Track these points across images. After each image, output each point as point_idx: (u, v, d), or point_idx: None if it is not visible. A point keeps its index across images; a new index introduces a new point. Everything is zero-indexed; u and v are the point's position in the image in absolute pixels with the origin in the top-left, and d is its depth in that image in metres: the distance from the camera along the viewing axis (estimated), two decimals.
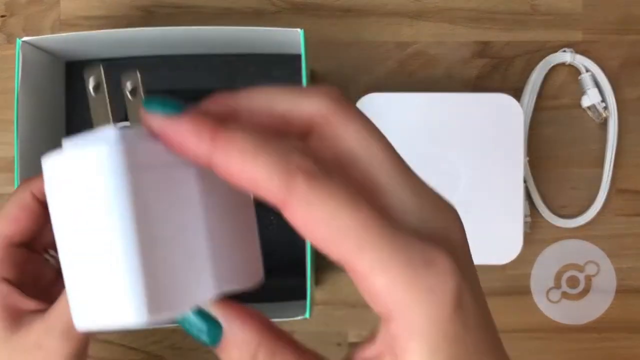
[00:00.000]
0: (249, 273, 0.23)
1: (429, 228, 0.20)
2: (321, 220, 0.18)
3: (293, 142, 0.19)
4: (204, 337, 0.20)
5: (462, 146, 0.48)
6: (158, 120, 0.19)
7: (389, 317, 0.19)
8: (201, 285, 0.20)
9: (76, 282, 0.19)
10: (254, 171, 0.18)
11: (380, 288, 0.18)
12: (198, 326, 0.20)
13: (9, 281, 0.32)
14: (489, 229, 0.48)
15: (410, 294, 0.18)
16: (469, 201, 0.48)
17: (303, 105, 0.20)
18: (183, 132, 0.19)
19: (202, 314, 0.21)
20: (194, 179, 0.20)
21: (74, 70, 0.49)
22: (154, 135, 0.20)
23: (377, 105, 0.48)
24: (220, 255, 0.21)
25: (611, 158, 0.52)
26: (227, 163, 0.18)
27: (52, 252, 0.36)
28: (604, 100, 0.52)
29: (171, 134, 0.19)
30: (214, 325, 0.20)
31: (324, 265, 0.53)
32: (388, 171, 0.21)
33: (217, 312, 0.21)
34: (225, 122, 0.19)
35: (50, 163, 0.21)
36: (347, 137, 0.20)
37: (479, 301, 0.20)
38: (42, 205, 0.34)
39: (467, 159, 0.48)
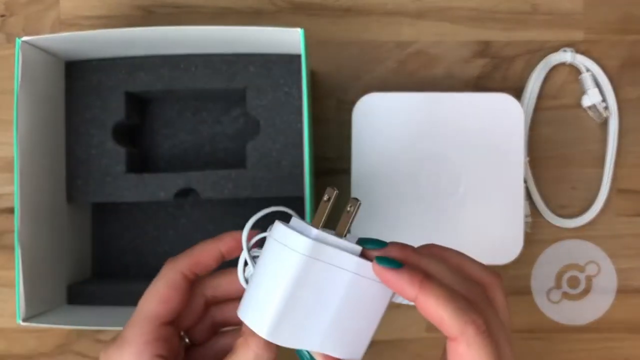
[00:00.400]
0: (351, 349, 0.32)
1: None
2: (471, 358, 0.29)
3: (476, 300, 0.30)
4: None
5: (462, 146, 0.48)
6: (385, 272, 0.30)
7: None
8: (312, 339, 0.31)
9: (254, 293, 0.32)
10: (443, 314, 0.29)
11: None
12: None
13: (163, 358, 0.34)
14: (489, 229, 0.48)
15: None
16: (470, 201, 0.48)
17: (455, 323, 0.29)
18: (402, 281, 0.30)
19: (310, 356, 0.31)
20: (347, 278, 0.31)
21: (73, 70, 0.49)
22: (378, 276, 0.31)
23: (377, 105, 0.48)
24: (337, 328, 0.31)
25: (612, 158, 0.52)
26: (426, 304, 0.29)
27: (184, 334, 0.38)
28: (604, 100, 0.52)
29: (393, 281, 0.30)
30: None
31: None
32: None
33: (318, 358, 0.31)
34: (429, 275, 0.30)
35: (277, 227, 0.32)
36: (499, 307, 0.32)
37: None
38: (189, 285, 0.36)
39: (467, 158, 0.48)
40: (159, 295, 0.35)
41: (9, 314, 0.54)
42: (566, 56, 0.52)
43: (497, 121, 0.48)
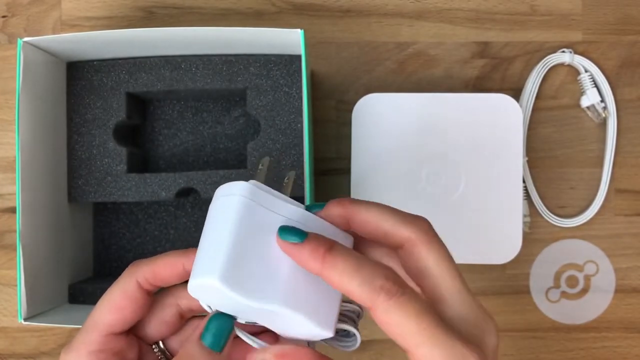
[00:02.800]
0: (321, 316, 0.30)
1: (471, 334, 0.28)
2: (394, 324, 0.27)
3: (380, 266, 0.28)
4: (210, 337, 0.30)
5: (461, 146, 0.48)
6: (286, 246, 0.29)
7: None
8: (270, 293, 0.29)
9: (199, 252, 0.30)
10: (349, 287, 0.27)
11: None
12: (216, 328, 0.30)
13: None
14: (488, 229, 0.48)
15: None
16: (469, 201, 0.48)
17: (402, 229, 0.29)
18: (304, 255, 0.28)
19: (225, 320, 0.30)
20: None
21: (75, 70, 0.49)
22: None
23: (376, 106, 0.48)
24: (295, 284, 0.29)
25: (610, 158, 0.52)
26: (331, 279, 0.28)
27: (160, 345, 0.35)
28: (603, 100, 0.52)
29: (296, 255, 0.29)
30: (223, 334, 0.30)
31: None
32: (451, 289, 0.29)
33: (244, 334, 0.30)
34: (333, 247, 0.28)
35: (220, 188, 0.31)
36: (427, 258, 0.29)
37: None
38: (147, 295, 0.33)
39: (466, 158, 0.48)
40: (111, 303, 0.33)
41: (11, 313, 0.54)
42: (565, 57, 0.52)
43: (496, 121, 0.48)
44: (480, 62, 0.53)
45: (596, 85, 0.52)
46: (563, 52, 0.52)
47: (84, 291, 0.50)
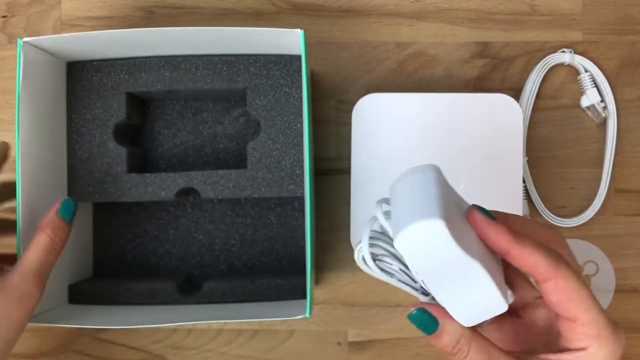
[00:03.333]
0: (501, 288, 0.32)
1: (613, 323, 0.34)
2: (573, 290, 0.32)
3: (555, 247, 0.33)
4: (427, 328, 0.34)
5: (461, 146, 0.48)
6: (482, 219, 0.32)
7: (586, 347, 0.33)
8: (472, 251, 0.30)
9: (399, 211, 0.31)
10: (537, 259, 0.31)
11: (591, 334, 0.33)
12: (425, 320, 0.34)
13: None
14: None
15: (605, 338, 0.33)
16: (469, 200, 0.48)
17: (551, 271, 0.32)
18: (499, 231, 0.32)
19: (427, 312, 0.34)
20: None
21: (74, 70, 0.49)
22: (473, 226, 0.33)
23: (376, 105, 0.48)
24: (483, 257, 0.31)
25: (610, 158, 0.52)
26: (522, 252, 0.31)
27: None
28: (603, 100, 0.52)
29: (491, 231, 0.32)
30: (433, 321, 0.34)
31: (324, 265, 0.53)
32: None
33: (435, 313, 0.33)
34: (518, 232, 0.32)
35: (397, 179, 0.35)
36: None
37: None
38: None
39: (466, 158, 0.48)
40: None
41: None
42: (565, 57, 0.52)
43: (496, 121, 0.48)
44: (480, 62, 0.53)
45: (596, 85, 0.52)
46: (563, 52, 0.52)
47: (84, 291, 0.50)
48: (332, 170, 0.53)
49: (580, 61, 0.52)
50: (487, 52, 0.53)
